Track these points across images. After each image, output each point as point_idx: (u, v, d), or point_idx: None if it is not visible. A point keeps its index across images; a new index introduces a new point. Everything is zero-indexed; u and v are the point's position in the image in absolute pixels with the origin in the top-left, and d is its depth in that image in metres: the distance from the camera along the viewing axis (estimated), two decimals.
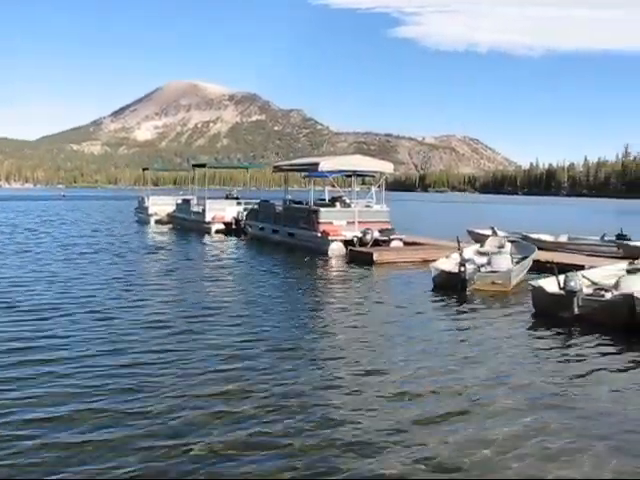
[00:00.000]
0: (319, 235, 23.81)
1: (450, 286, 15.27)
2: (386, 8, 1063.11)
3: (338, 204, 26.03)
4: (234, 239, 30.53)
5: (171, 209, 40.92)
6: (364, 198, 27.81)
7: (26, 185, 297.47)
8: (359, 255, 21.78)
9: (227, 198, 38.05)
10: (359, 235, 23.47)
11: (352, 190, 29.52)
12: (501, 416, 6.87)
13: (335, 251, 23.17)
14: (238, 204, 35.42)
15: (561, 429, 6.52)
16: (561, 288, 12.03)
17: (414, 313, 12.79)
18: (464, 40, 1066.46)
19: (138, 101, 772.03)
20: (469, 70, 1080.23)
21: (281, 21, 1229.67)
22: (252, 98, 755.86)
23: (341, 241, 23.50)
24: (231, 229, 33.15)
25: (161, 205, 42.35)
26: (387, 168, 27.44)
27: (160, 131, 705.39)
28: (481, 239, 21.27)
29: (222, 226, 33.61)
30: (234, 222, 33.20)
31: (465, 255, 16.38)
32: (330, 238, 23.39)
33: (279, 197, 31.35)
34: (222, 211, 34.31)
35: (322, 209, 24.77)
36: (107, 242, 27.32)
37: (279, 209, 28.39)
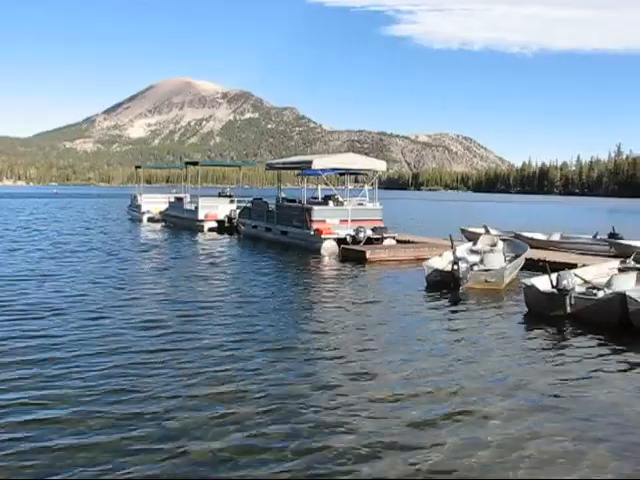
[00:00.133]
0: (312, 233, 23.78)
1: (443, 284, 15.27)
2: (380, 6, 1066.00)
3: (331, 202, 25.99)
4: (227, 237, 30.49)
5: (164, 207, 40.77)
6: (357, 196, 27.76)
7: (18, 183, 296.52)
8: (352, 253, 21.78)
9: (220, 196, 37.95)
10: (352, 233, 23.45)
11: (345, 188, 29.51)
12: (496, 417, 6.85)
13: (328, 249, 23.15)
14: (231, 202, 35.39)
15: (556, 429, 6.51)
16: (554, 287, 12.04)
17: (408, 312, 12.78)
18: (458, 38, 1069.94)
19: (131, 99, 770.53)
20: (463, 69, 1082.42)
21: (275, 19, 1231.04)
22: (245, 96, 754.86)
23: (334, 239, 23.49)
24: (224, 227, 33.16)
25: (154, 203, 42.25)
26: (380, 166, 27.42)
27: (153, 129, 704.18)
28: (474, 238, 21.30)
29: (215, 224, 33.58)
30: (227, 220, 33.22)
31: (458, 253, 16.40)
32: (323, 236, 23.37)
33: (272, 195, 31.30)
34: (215, 209, 34.26)
35: (315, 207, 24.73)
36: (99, 240, 27.27)
37: (272, 207, 28.31)
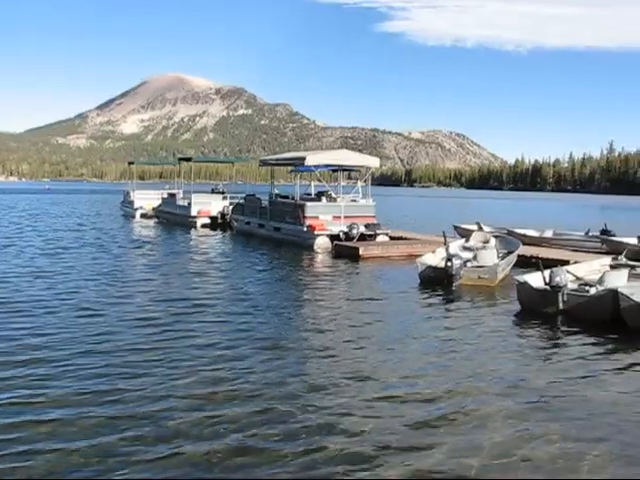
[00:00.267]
0: (305, 229, 23.80)
1: (437, 281, 15.29)
2: (373, 3, 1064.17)
3: (324, 199, 26.03)
4: (220, 233, 30.46)
5: (157, 203, 40.74)
6: (350, 193, 27.79)
7: (10, 178, 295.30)
8: (345, 250, 21.79)
9: (213, 192, 37.93)
10: (345, 230, 23.48)
11: (338, 185, 29.53)
12: (490, 415, 6.85)
13: (321, 246, 23.16)
14: (224, 198, 35.38)
15: (550, 427, 6.52)
16: (546, 283, 12.07)
17: (401, 309, 12.78)
18: (451, 35, 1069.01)
19: (124, 94, 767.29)
20: (456, 65, 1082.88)
21: (268, 15, 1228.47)
22: (239, 92, 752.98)
23: (327, 236, 23.50)
24: (217, 223, 33.14)
25: (147, 199, 42.21)
26: (373, 163, 27.42)
27: (146, 124, 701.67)
28: (467, 234, 21.37)
29: (208, 220, 33.55)
30: (220, 216, 33.20)
31: (450, 250, 16.41)
32: (316, 233, 23.39)
33: (265, 191, 31.25)
34: (208, 205, 34.21)
35: (308, 204, 24.74)
36: (92, 236, 27.19)
37: (265, 203, 28.33)
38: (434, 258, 16.91)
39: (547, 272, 12.21)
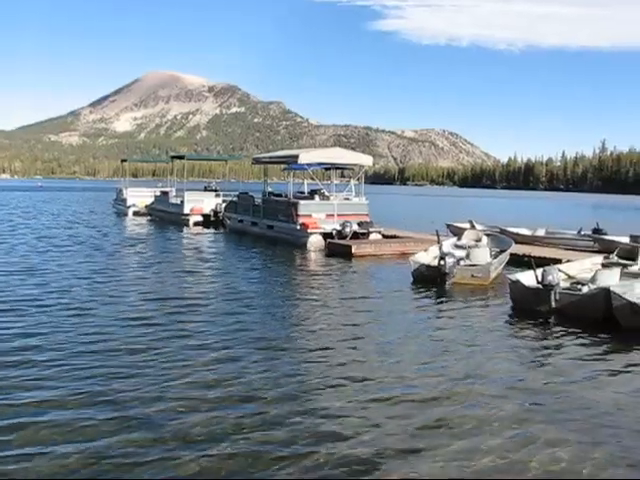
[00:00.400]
0: (298, 228, 23.78)
1: (430, 279, 15.29)
2: (367, 1, 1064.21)
3: (317, 197, 25.99)
4: (212, 231, 30.45)
5: (149, 201, 40.63)
6: (343, 191, 27.76)
7: (3, 176, 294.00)
8: (338, 248, 21.78)
9: (206, 190, 37.89)
10: (338, 228, 23.46)
11: (331, 183, 29.49)
12: (484, 414, 6.85)
13: (314, 244, 23.15)
14: (217, 196, 35.34)
15: (545, 428, 6.51)
16: (539, 282, 12.09)
17: (395, 308, 12.73)
18: (445, 34, 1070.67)
19: (117, 92, 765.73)
20: (450, 64, 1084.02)
21: (263, 13, 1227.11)
22: (232, 90, 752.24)
23: (320, 234, 23.49)
24: (209, 221, 33.13)
25: (139, 197, 42.08)
26: (366, 161, 27.43)
27: (139, 122, 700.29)
28: (460, 233, 21.38)
29: (200, 218, 33.52)
30: (213, 214, 33.19)
31: (444, 248, 16.42)
32: (309, 231, 23.39)
33: (258, 189, 31.22)
34: (200, 203, 34.17)
35: (301, 202, 24.73)
36: (85, 234, 27.09)
37: (258, 201, 28.30)
38: (427, 256, 16.92)
39: (539, 271, 12.23)
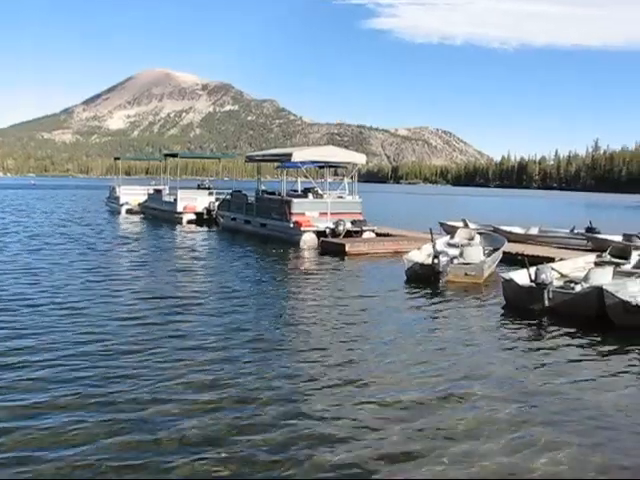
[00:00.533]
0: (291, 226, 23.75)
1: (423, 278, 15.28)
2: None
3: (311, 195, 25.99)
4: (206, 229, 30.41)
5: (143, 199, 40.60)
6: (336, 189, 27.76)
7: None
8: (331, 246, 21.77)
9: (199, 188, 37.86)
10: (331, 226, 23.45)
11: (325, 181, 29.47)
12: (479, 414, 6.84)
13: (307, 242, 23.13)
14: (210, 194, 35.31)
15: (539, 427, 6.50)
16: (532, 281, 12.11)
17: (389, 306, 12.70)
18: (439, 33, 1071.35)
19: (110, 90, 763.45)
20: (443, 63, 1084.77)
21: (256, 11, 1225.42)
22: (225, 88, 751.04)
23: (313, 232, 23.47)
24: (202, 219, 33.08)
25: (132, 195, 42.08)
26: (360, 159, 27.44)
27: (132, 120, 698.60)
28: (453, 231, 21.39)
29: (193, 216, 33.49)
30: (206, 212, 33.14)
31: (437, 247, 16.42)
32: (302, 229, 23.36)
33: (252, 187, 31.19)
34: (193, 201, 34.14)
35: (295, 200, 24.71)
36: (78, 232, 27.03)
37: (251, 200, 28.25)
38: (420, 255, 16.91)
39: (533, 269, 12.24)
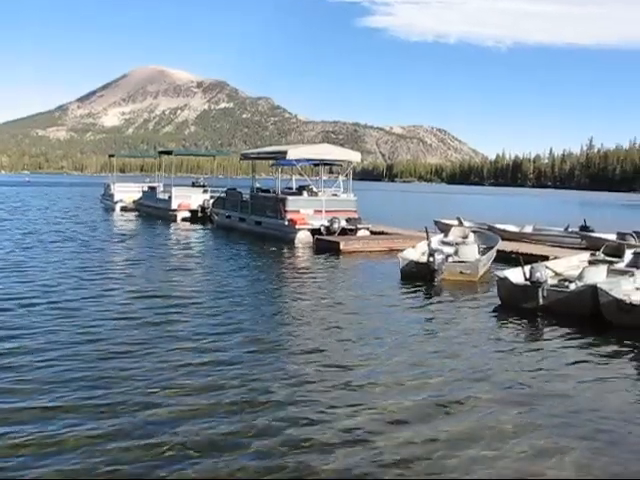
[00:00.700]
0: (286, 224, 23.75)
1: (418, 276, 15.27)
2: None
3: (305, 193, 25.98)
4: (200, 227, 30.37)
5: (137, 196, 40.60)
6: (331, 187, 27.76)
7: None
8: (326, 244, 21.76)
9: (194, 186, 37.84)
10: (326, 224, 23.44)
11: (319, 179, 29.45)
12: (474, 414, 6.81)
13: (302, 240, 23.13)
14: (204, 192, 35.29)
15: (533, 425, 6.50)
16: (527, 279, 12.11)
17: (384, 305, 12.68)
18: (433, 31, 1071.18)
19: (105, 87, 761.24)
20: (438, 61, 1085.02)
21: (251, 9, 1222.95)
22: (220, 85, 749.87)
23: (308, 230, 23.48)
24: (197, 217, 33.06)
25: (127, 192, 42.06)
26: (354, 157, 27.47)
27: (127, 117, 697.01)
28: (448, 229, 21.40)
29: (188, 214, 33.46)
30: (200, 210, 33.10)
31: (432, 245, 16.43)
32: (297, 227, 23.36)
33: (246, 185, 31.17)
34: (188, 199, 34.12)
35: (289, 198, 24.70)
36: (72, 230, 26.96)
37: (246, 197, 28.24)
38: (415, 253, 16.90)
39: (527, 268, 12.25)
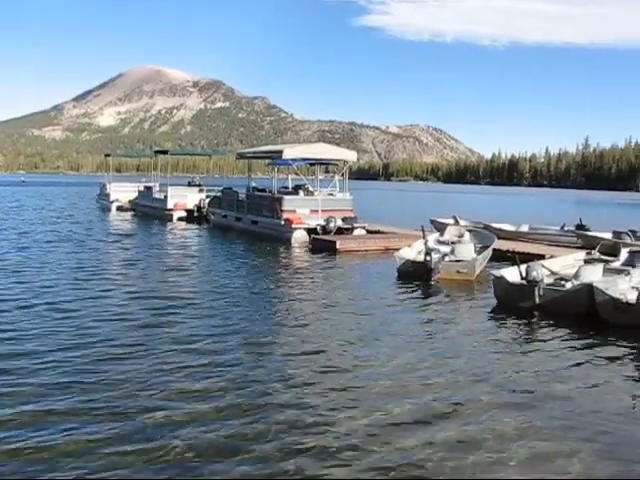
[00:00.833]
0: (282, 223, 23.75)
1: (415, 275, 15.27)
2: None
3: (301, 192, 26.00)
4: (196, 226, 30.35)
5: (133, 196, 40.54)
6: (327, 186, 27.75)
7: None
8: (322, 243, 21.75)
9: (190, 185, 37.81)
10: (322, 223, 23.47)
11: (316, 178, 29.47)
12: (471, 413, 6.80)
13: (298, 239, 23.13)
14: (200, 191, 35.25)
15: (529, 425, 6.50)
16: (523, 278, 12.12)
17: (383, 305, 12.63)
18: (429, 30, 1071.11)
19: (101, 86, 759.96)
20: (434, 60, 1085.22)
21: (247, 8, 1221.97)
22: (216, 85, 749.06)
23: (304, 229, 23.48)
24: (193, 216, 33.02)
25: (123, 192, 42.02)
26: (351, 156, 27.46)
27: (123, 117, 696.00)
28: (444, 228, 21.42)
29: (184, 213, 33.44)
30: (196, 209, 33.06)
31: (428, 244, 16.43)
32: (293, 226, 23.36)
33: (242, 185, 31.14)
34: (184, 198, 34.08)
35: (286, 197, 24.70)
36: (68, 229, 26.90)
37: (242, 197, 28.25)
38: (411, 252, 16.91)
39: (523, 267, 12.27)
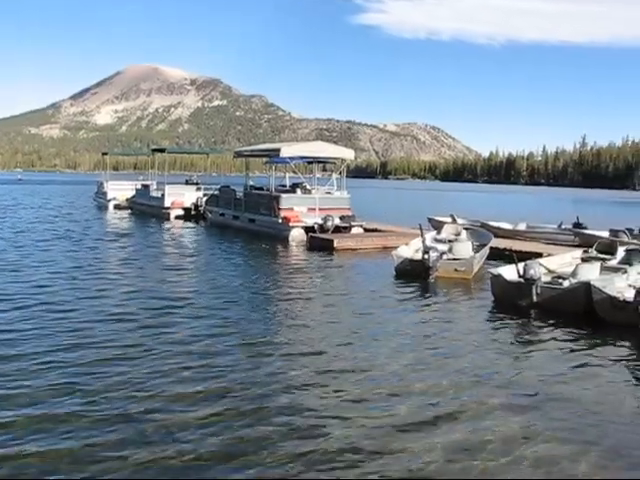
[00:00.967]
0: (280, 221, 23.74)
1: (413, 274, 15.25)
2: None
3: (299, 190, 26.02)
4: (193, 225, 30.33)
5: (130, 194, 40.48)
6: (325, 185, 27.76)
7: None
8: (320, 242, 21.74)
9: (187, 183, 37.77)
10: (320, 222, 23.46)
11: (313, 177, 29.47)
12: (469, 413, 6.78)
13: (296, 237, 23.12)
14: (198, 190, 35.18)
15: (528, 425, 6.51)
16: (520, 276, 12.12)
17: (381, 305, 12.57)
18: (426, 28, 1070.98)
19: (98, 84, 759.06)
20: (431, 58, 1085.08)
21: (245, 6, 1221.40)
22: (214, 83, 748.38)
23: (302, 227, 23.48)
24: (190, 215, 32.97)
25: (120, 190, 41.93)
26: (348, 155, 27.43)
27: (120, 115, 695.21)
28: (441, 227, 21.42)
29: (181, 212, 33.37)
30: (193, 208, 33.01)
31: (426, 242, 16.42)
32: (291, 224, 23.35)
33: (240, 183, 31.14)
34: (181, 196, 34.02)
35: (283, 195, 24.70)
36: (65, 228, 26.83)
37: (240, 195, 28.25)
38: (409, 250, 16.90)
39: (521, 265, 12.27)
